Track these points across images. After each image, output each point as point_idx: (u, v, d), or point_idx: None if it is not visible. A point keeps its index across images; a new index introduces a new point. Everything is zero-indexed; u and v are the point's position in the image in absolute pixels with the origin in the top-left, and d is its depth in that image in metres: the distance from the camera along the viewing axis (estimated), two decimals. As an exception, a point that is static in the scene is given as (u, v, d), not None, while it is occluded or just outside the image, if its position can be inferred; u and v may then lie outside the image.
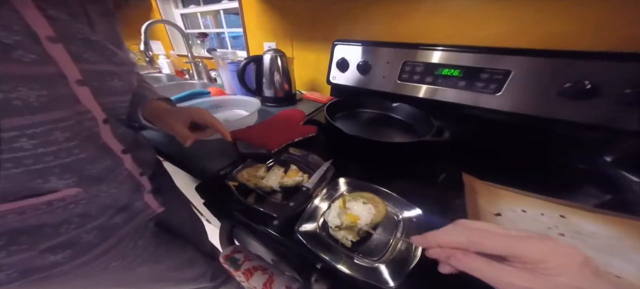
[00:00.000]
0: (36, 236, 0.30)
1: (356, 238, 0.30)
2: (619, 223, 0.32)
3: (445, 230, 0.22)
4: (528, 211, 0.35)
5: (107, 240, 0.37)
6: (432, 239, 0.23)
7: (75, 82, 0.26)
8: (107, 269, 0.39)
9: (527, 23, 0.53)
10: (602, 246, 0.28)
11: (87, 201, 0.32)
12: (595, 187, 0.43)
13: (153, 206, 0.45)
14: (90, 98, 0.29)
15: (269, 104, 0.83)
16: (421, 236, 0.24)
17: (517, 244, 0.18)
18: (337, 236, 0.31)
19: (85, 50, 0.27)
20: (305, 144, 0.54)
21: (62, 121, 0.26)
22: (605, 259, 0.26)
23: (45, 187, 0.27)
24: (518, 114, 0.53)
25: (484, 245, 0.19)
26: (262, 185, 0.37)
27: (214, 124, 0.42)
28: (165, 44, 1.55)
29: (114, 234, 0.38)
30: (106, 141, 0.33)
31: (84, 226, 0.33)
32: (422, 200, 0.36)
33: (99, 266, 0.37)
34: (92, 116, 0.30)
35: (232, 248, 0.46)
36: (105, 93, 0.31)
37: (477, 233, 0.20)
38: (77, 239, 0.33)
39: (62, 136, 0.26)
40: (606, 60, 0.44)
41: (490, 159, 0.53)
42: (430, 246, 0.23)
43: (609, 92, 0.44)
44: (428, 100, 0.63)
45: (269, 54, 0.77)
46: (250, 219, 0.36)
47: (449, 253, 0.21)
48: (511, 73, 0.51)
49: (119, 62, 0.32)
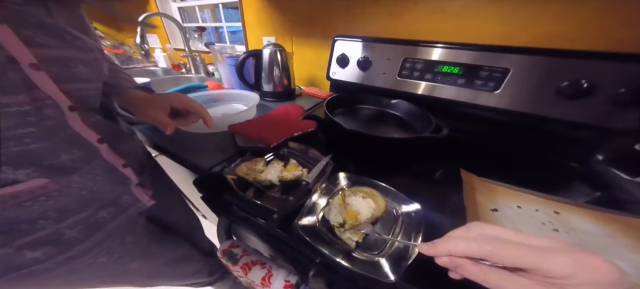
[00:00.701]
0: (10, 232, 0.29)
1: (361, 239, 0.29)
2: (611, 220, 0.32)
3: (457, 236, 0.20)
4: (523, 207, 0.35)
5: (93, 236, 0.36)
6: (442, 248, 0.20)
7: (29, 66, 0.25)
8: (94, 265, 0.38)
9: (527, 23, 0.53)
10: (596, 244, 0.29)
11: (60, 193, 0.31)
12: (586, 184, 0.44)
13: (143, 200, 0.44)
14: (51, 84, 0.27)
15: (268, 99, 0.83)
16: (430, 244, 0.22)
17: (540, 257, 0.16)
18: (342, 237, 0.30)
19: (38, 34, 0.26)
20: (304, 139, 0.54)
21: (9, 106, 0.24)
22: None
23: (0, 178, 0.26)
24: (516, 113, 0.53)
25: (501, 256, 0.17)
26: (261, 179, 0.37)
27: (197, 109, 0.41)
28: (162, 38, 1.53)
29: (100, 230, 0.37)
30: (77, 129, 0.31)
31: (64, 221, 0.32)
32: (420, 195, 0.36)
33: (84, 262, 0.36)
34: (54, 102, 0.28)
35: (230, 242, 0.46)
36: (69, 79, 0.29)
37: (493, 242, 0.18)
38: (57, 235, 0.32)
39: (11, 123, 0.25)
40: (603, 60, 0.44)
41: (487, 156, 0.53)
42: (440, 255, 0.21)
43: (604, 92, 0.45)
44: (428, 97, 0.64)
45: (269, 48, 0.76)
46: (249, 213, 0.36)
47: (459, 263, 0.19)
48: (510, 71, 0.51)
49: (83, 48, 0.30)
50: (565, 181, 0.46)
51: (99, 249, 0.38)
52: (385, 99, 0.68)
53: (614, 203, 0.39)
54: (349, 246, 0.29)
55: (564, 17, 0.50)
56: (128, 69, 1.33)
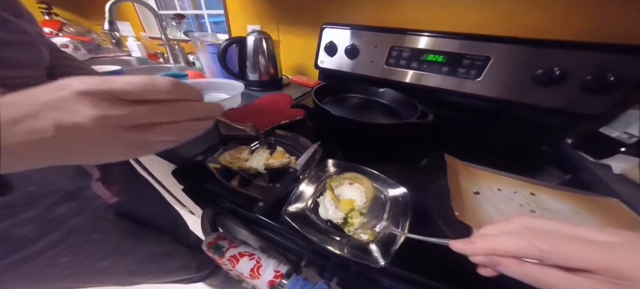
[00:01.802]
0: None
1: (372, 237, 0.28)
2: (578, 199, 0.35)
3: (498, 232, 0.18)
4: (503, 190, 0.37)
5: (50, 234, 0.33)
6: (482, 247, 0.18)
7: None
8: (54, 266, 0.35)
9: (507, 13, 0.55)
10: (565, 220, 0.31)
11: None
12: (557, 167, 0.47)
13: (104, 196, 0.41)
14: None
15: (254, 88, 0.80)
16: (466, 242, 0.19)
17: (608, 257, 0.13)
18: (354, 236, 0.29)
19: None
20: (292, 127, 0.52)
21: None
22: None
23: None
24: (496, 99, 0.56)
25: (561, 256, 0.14)
26: (246, 167, 0.35)
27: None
28: (136, 25, 1.42)
29: (58, 228, 0.34)
30: None
31: (11, 219, 0.29)
32: (407, 179, 0.36)
33: (42, 263, 0.33)
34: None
35: (215, 235, 0.44)
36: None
37: (547, 241, 0.15)
38: (5, 234, 0.29)
39: None
40: (572, 49, 0.47)
41: (470, 141, 0.55)
42: (479, 254, 0.18)
43: (574, 79, 0.48)
44: (414, 85, 0.65)
45: (253, 35, 0.73)
46: (234, 203, 0.34)
47: (499, 261, 0.17)
48: (491, 60, 0.53)
49: (13, 30, 0.27)
50: (540, 164, 0.49)
51: (60, 249, 0.35)
52: (373, 88, 0.68)
53: (582, 184, 0.42)
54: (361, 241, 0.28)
55: (537, 8, 0.52)
56: (97, 58, 1.22)
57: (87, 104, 0.15)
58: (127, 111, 0.17)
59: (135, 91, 0.17)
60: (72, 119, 0.15)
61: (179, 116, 0.20)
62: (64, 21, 1.36)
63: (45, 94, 0.15)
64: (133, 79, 0.17)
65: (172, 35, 1.34)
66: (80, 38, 1.25)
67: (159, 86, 0.18)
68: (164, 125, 0.19)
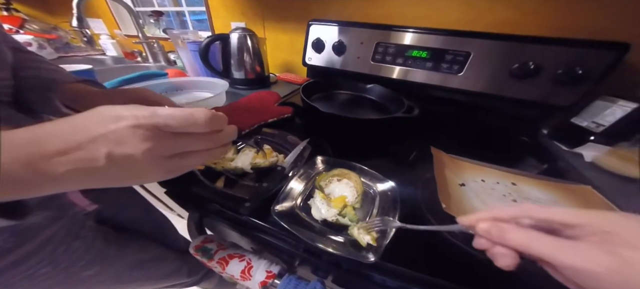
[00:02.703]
0: None
1: (374, 242, 0.27)
2: (555, 187, 0.36)
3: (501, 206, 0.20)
4: (486, 181, 0.38)
5: (25, 244, 0.31)
6: (485, 214, 0.20)
7: None
8: (36, 277, 0.32)
9: (485, 9, 0.57)
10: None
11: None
12: (535, 157, 0.50)
13: (81, 203, 0.39)
14: None
15: (240, 87, 0.78)
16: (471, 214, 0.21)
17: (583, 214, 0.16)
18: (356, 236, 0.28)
19: None
20: (280, 125, 0.51)
21: None
22: None
23: None
24: (477, 93, 0.58)
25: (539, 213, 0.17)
26: (231, 167, 0.34)
27: (165, 104, 0.34)
28: (109, 22, 1.33)
29: (34, 237, 0.32)
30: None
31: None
32: (396, 173, 0.37)
33: (19, 275, 0.31)
34: None
35: (202, 238, 0.43)
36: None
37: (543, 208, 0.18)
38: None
39: None
40: (545, 44, 0.50)
41: (454, 134, 0.57)
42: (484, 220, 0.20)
43: (547, 72, 0.50)
44: (401, 81, 0.66)
45: (237, 32, 0.71)
46: (220, 204, 0.33)
47: (503, 228, 0.18)
48: (471, 55, 0.55)
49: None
50: (519, 154, 0.51)
51: (38, 259, 0.32)
52: (361, 84, 0.69)
53: (558, 172, 0.44)
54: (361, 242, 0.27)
55: (513, 4, 0.55)
56: (66, 57, 1.13)
57: (138, 138, 0.17)
58: (171, 144, 0.19)
59: (177, 125, 0.18)
60: (124, 151, 0.17)
61: (211, 145, 0.22)
62: (26, 17, 1.25)
63: (96, 126, 0.16)
64: (175, 113, 0.18)
65: (151, 33, 1.27)
66: (45, 36, 1.15)
67: (198, 121, 0.19)
68: (198, 153, 0.21)
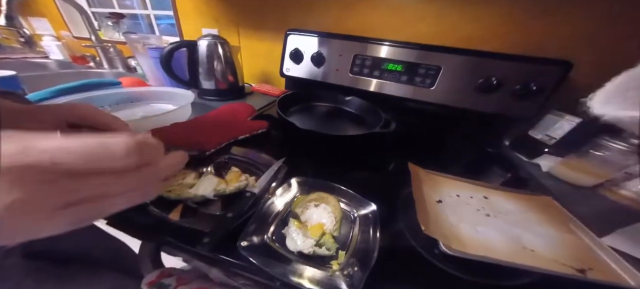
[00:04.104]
0: None
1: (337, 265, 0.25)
2: (522, 198, 0.38)
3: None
4: (461, 196, 0.38)
5: None
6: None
7: None
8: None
9: (453, 25, 0.61)
10: (516, 221, 0.33)
11: None
12: (500, 167, 0.53)
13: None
14: None
15: (210, 98, 0.72)
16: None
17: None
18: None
19: None
20: (253, 142, 0.47)
21: None
22: (519, 233, 0.31)
23: None
24: (447, 106, 0.60)
25: None
26: (190, 196, 0.29)
27: (109, 123, 0.26)
28: (56, 22, 1.17)
29: None
30: None
31: None
32: (374, 192, 0.35)
33: None
34: None
35: (158, 272, 0.37)
36: None
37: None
38: None
39: None
40: (504, 60, 0.54)
41: (428, 147, 0.58)
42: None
43: (507, 87, 0.54)
44: (377, 94, 0.66)
45: (206, 39, 0.66)
46: (175, 237, 0.28)
47: None
48: (441, 69, 0.58)
49: None
50: (486, 165, 0.54)
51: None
52: (340, 96, 0.68)
53: (520, 181, 0.47)
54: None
55: (476, 21, 0.59)
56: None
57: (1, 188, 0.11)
58: (68, 190, 0.12)
59: (75, 162, 0.12)
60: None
61: (139, 184, 0.15)
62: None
63: None
64: (73, 144, 0.12)
65: (108, 36, 1.14)
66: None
67: (116, 153, 0.13)
68: (122, 195, 0.15)
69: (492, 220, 0.34)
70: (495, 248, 0.29)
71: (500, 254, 0.28)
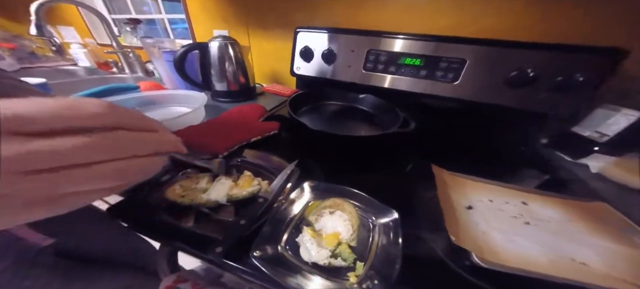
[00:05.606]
0: None
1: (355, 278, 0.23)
2: (568, 204, 0.33)
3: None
4: (494, 201, 0.34)
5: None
6: None
7: None
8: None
9: (474, 14, 0.56)
10: (561, 230, 0.29)
11: None
12: (536, 167, 0.47)
13: (30, 238, 0.34)
14: None
15: (222, 100, 0.72)
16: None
17: None
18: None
19: None
20: (265, 144, 0.46)
21: None
22: (566, 244, 0.27)
23: None
24: (474, 102, 0.55)
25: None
26: (203, 201, 0.28)
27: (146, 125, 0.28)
28: (82, 30, 1.24)
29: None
30: None
31: None
32: (393, 195, 0.32)
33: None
34: None
35: (175, 276, 0.37)
36: None
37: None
38: None
39: None
40: (540, 50, 0.48)
41: (452, 147, 0.54)
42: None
43: (545, 80, 0.48)
44: (393, 90, 0.62)
45: (217, 41, 0.66)
46: (189, 244, 0.27)
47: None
48: (467, 62, 0.53)
49: None
50: (519, 166, 0.48)
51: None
52: (353, 94, 0.65)
53: (561, 183, 0.41)
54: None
55: (501, 9, 0.53)
56: (30, 69, 1.04)
57: None
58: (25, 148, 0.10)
59: (41, 117, 0.11)
60: None
61: (118, 151, 0.14)
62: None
63: None
64: (41, 101, 0.11)
65: (127, 41, 1.19)
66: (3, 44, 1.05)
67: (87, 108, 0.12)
68: (94, 166, 0.13)
69: (533, 229, 0.30)
70: (538, 260, 0.25)
71: (544, 267, 0.24)
